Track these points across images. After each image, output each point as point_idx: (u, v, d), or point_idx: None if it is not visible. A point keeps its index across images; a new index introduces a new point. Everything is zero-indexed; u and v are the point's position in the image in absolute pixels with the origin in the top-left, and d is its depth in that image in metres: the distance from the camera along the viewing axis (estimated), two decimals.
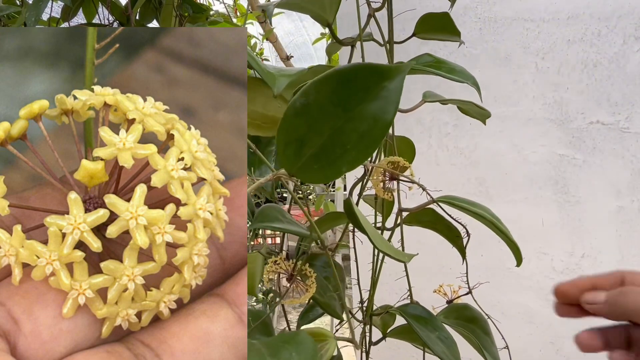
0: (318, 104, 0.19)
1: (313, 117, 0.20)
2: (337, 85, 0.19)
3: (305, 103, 0.20)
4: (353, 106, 0.19)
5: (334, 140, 0.20)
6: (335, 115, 0.19)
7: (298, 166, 0.22)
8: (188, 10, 0.83)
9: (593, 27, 0.73)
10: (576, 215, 0.77)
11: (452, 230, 0.43)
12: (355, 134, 0.19)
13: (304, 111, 0.20)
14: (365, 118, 0.19)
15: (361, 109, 0.19)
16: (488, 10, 0.81)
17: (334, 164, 0.21)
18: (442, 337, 0.40)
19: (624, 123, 0.72)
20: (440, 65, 0.41)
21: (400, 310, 0.42)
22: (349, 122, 0.19)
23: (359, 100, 0.19)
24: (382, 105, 0.18)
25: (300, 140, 0.21)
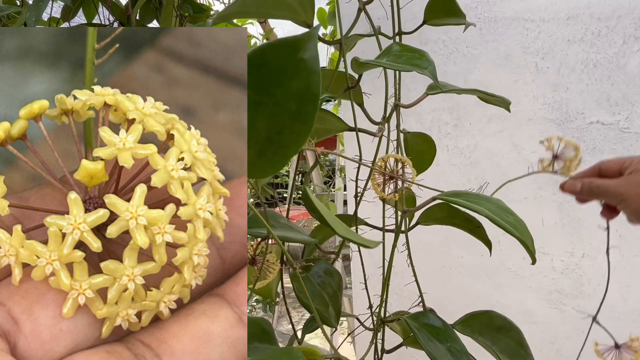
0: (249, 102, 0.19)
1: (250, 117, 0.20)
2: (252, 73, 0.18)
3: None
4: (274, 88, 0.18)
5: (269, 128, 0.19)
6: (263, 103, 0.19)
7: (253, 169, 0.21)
8: (188, 10, 0.83)
9: (593, 27, 0.73)
10: (576, 215, 0.77)
11: (471, 222, 0.42)
12: (287, 116, 0.19)
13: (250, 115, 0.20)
14: (291, 96, 0.18)
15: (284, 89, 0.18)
16: (488, 10, 0.81)
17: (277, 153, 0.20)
18: (452, 348, 0.38)
19: (623, 123, 0.72)
20: (402, 54, 0.38)
21: (409, 319, 0.40)
22: (276, 106, 0.19)
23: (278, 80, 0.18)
24: (303, 78, 0.18)
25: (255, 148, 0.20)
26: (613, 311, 0.75)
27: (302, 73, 0.17)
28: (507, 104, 0.45)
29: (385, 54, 0.39)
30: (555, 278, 0.78)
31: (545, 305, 0.79)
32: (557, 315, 0.78)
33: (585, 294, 0.76)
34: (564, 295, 0.78)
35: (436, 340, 0.39)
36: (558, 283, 0.78)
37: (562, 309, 0.78)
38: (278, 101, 0.19)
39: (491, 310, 0.44)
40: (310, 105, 0.18)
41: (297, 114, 0.19)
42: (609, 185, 0.40)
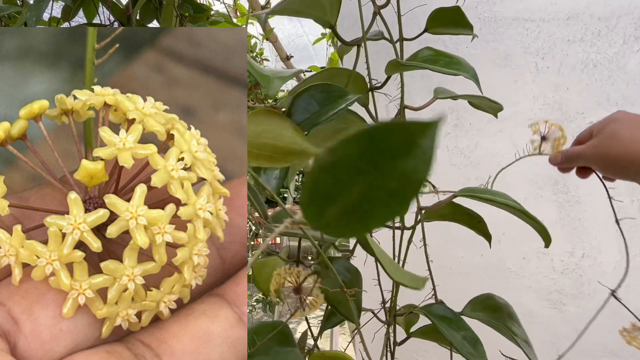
0: (346, 162, 0.19)
1: (340, 174, 0.19)
2: (366, 144, 0.18)
3: (332, 161, 0.19)
4: (383, 164, 0.18)
5: (362, 197, 0.20)
6: (365, 172, 0.19)
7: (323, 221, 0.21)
8: (189, 10, 0.83)
9: (593, 27, 0.73)
10: (576, 215, 0.77)
11: (473, 217, 0.43)
12: (385, 192, 0.19)
13: (330, 168, 0.19)
14: (396, 176, 0.18)
15: (391, 167, 0.18)
16: (488, 10, 0.81)
17: (361, 221, 0.21)
18: (467, 337, 0.40)
19: None
20: (439, 58, 0.40)
21: (425, 311, 0.42)
22: (378, 180, 0.19)
23: (390, 158, 0.18)
24: (414, 163, 0.18)
25: (325, 196, 0.20)
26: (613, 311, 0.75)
27: (414, 158, 0.18)
28: (498, 110, 0.47)
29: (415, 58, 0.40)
30: (555, 278, 0.78)
31: (545, 305, 0.79)
32: (557, 315, 0.78)
33: (585, 294, 0.76)
34: (564, 295, 0.78)
35: (451, 329, 0.41)
36: (558, 283, 0.78)
37: (562, 309, 0.78)
38: (381, 175, 0.19)
39: (488, 293, 0.49)
40: (411, 190, 0.18)
41: (396, 193, 0.19)
42: (579, 151, 0.46)
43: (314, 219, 0.21)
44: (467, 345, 0.39)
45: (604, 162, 0.44)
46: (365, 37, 0.43)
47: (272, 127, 0.33)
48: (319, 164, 0.20)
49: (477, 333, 0.43)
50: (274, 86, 0.33)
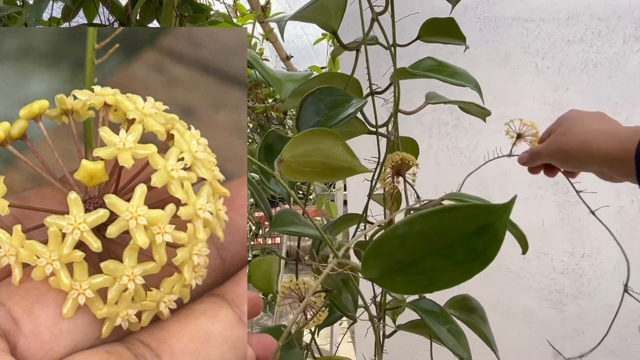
0: (421, 233, 0.20)
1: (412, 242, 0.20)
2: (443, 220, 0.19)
3: (408, 231, 0.20)
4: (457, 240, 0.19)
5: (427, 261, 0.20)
6: (436, 242, 0.20)
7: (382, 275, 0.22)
8: (188, 10, 0.83)
9: (593, 27, 0.73)
10: (576, 215, 0.77)
11: None
12: (452, 261, 0.20)
13: (404, 236, 0.20)
14: (466, 250, 0.19)
15: (463, 242, 0.19)
16: (488, 10, 0.81)
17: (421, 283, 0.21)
18: (452, 330, 0.42)
19: (624, 123, 0.72)
20: (442, 69, 0.42)
21: (413, 306, 0.44)
22: (447, 249, 0.20)
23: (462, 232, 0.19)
24: (485, 240, 0.19)
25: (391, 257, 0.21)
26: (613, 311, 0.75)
27: (486, 236, 0.19)
28: (486, 115, 0.50)
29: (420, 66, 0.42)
30: (555, 278, 0.78)
31: (545, 305, 0.79)
32: (557, 315, 0.78)
33: (585, 294, 0.76)
34: (564, 295, 0.78)
35: (437, 322, 0.42)
36: (558, 283, 0.78)
37: (562, 309, 0.78)
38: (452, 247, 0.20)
39: (465, 294, 0.51)
40: (479, 264, 0.19)
41: (461, 265, 0.20)
42: (539, 149, 0.49)
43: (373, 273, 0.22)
44: (452, 338, 0.41)
45: (562, 156, 0.47)
46: (366, 42, 0.44)
47: (325, 146, 0.33)
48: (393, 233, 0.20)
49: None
50: (285, 89, 0.33)
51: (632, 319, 0.74)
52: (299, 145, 0.32)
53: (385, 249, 0.21)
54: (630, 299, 0.74)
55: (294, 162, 0.32)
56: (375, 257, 0.21)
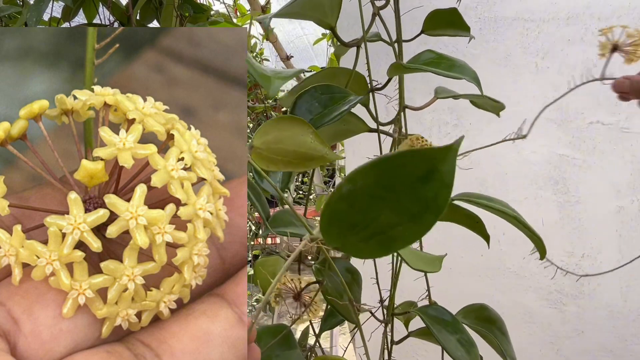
0: (365, 190, 0.19)
1: (359, 201, 0.20)
2: (385, 172, 0.19)
3: (351, 189, 0.19)
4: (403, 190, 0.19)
5: (383, 221, 0.20)
6: (384, 198, 0.19)
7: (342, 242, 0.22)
8: (189, 11, 0.83)
9: (593, 27, 0.73)
10: (576, 215, 0.77)
11: (471, 218, 0.43)
12: (407, 216, 0.19)
13: (349, 196, 0.20)
14: (417, 200, 0.19)
15: (412, 194, 0.19)
16: (488, 10, 0.81)
17: (383, 245, 0.21)
18: (462, 340, 0.40)
19: (624, 123, 0.72)
20: (440, 61, 0.41)
21: (420, 312, 0.42)
22: (398, 205, 0.19)
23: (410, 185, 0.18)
24: (435, 188, 0.18)
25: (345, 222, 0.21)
26: (613, 311, 0.75)
27: (434, 183, 0.18)
28: (500, 109, 0.47)
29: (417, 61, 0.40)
30: (555, 278, 0.78)
31: (545, 305, 0.79)
32: (557, 315, 0.78)
33: (585, 294, 0.76)
34: (564, 295, 0.78)
35: (446, 331, 0.40)
36: (558, 283, 0.78)
37: (562, 309, 0.78)
38: (402, 201, 0.19)
39: (483, 304, 0.47)
40: (432, 215, 0.19)
41: (417, 217, 0.19)
42: None
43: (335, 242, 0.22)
44: (461, 349, 0.39)
45: None
46: (366, 38, 0.43)
47: (293, 133, 0.33)
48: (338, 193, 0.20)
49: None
50: (274, 87, 0.33)
51: (632, 319, 0.74)
52: (269, 132, 0.32)
53: (337, 213, 0.20)
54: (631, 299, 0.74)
55: (265, 149, 0.32)
56: (329, 223, 0.21)
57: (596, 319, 0.76)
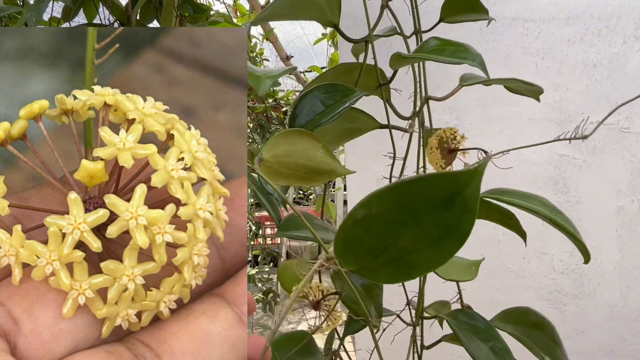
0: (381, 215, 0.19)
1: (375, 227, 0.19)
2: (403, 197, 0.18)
3: (366, 214, 0.19)
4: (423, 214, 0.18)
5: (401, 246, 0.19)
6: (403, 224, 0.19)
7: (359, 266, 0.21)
8: (188, 11, 0.83)
9: (593, 27, 0.73)
10: (576, 215, 0.77)
11: (505, 214, 0.41)
12: (425, 241, 0.19)
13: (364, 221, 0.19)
14: (438, 226, 0.18)
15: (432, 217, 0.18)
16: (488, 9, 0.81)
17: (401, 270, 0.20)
18: (495, 348, 0.37)
19: (624, 123, 0.72)
20: (445, 47, 0.38)
21: (449, 317, 0.39)
22: (418, 229, 0.18)
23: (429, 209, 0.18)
24: (456, 213, 0.17)
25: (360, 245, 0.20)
26: (613, 311, 0.75)
27: (457, 208, 0.17)
28: (538, 93, 0.43)
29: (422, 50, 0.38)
30: (555, 278, 0.78)
31: (545, 305, 0.79)
32: (557, 315, 0.78)
33: (585, 294, 0.76)
34: (564, 295, 0.78)
35: (478, 339, 0.38)
36: (558, 283, 0.78)
37: (562, 309, 0.78)
38: (422, 227, 0.18)
39: (527, 307, 0.43)
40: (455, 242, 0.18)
41: (438, 244, 0.18)
42: None
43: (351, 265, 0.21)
44: (493, 357, 0.36)
45: None
46: (372, 32, 0.41)
47: (303, 147, 0.32)
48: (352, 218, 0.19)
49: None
50: (263, 86, 0.32)
51: (632, 319, 0.74)
52: (279, 145, 0.31)
53: (352, 238, 0.20)
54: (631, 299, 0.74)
55: (274, 162, 0.31)
56: (344, 247, 0.20)
57: (596, 319, 0.76)
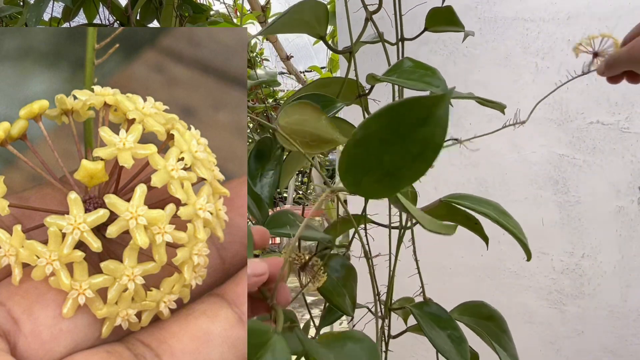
0: (376, 134, 0.23)
1: (372, 145, 0.23)
2: (392, 118, 0.22)
3: (364, 134, 0.23)
4: (407, 133, 0.22)
5: (391, 163, 0.23)
6: (391, 142, 0.23)
7: (360, 187, 0.25)
8: (188, 11, 0.83)
9: (593, 27, 0.73)
10: (576, 215, 0.77)
11: (470, 219, 0.45)
12: (410, 156, 0.23)
13: (363, 141, 0.23)
14: (418, 141, 0.22)
15: (414, 135, 0.22)
16: (488, 10, 0.81)
17: (392, 184, 0.24)
18: (453, 336, 0.41)
19: (624, 123, 0.72)
20: (415, 70, 0.42)
21: (414, 308, 0.43)
22: (403, 147, 0.23)
23: (412, 127, 0.22)
24: (432, 130, 0.22)
25: (360, 166, 0.24)
26: (613, 311, 0.75)
27: (431, 125, 0.21)
28: (502, 107, 0.50)
29: (397, 69, 0.42)
30: (555, 278, 0.78)
31: (545, 305, 0.79)
32: (557, 315, 0.78)
33: (585, 294, 0.76)
34: (564, 295, 0.78)
35: (438, 327, 0.41)
36: (558, 283, 0.78)
37: (562, 309, 0.78)
38: (406, 143, 0.22)
39: (482, 301, 0.48)
40: (431, 152, 0.22)
41: (419, 156, 0.23)
42: (619, 54, 0.44)
43: (352, 187, 0.25)
44: (450, 344, 0.40)
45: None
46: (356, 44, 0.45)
47: (311, 117, 0.36)
48: (353, 139, 0.23)
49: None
50: None
51: (632, 319, 0.74)
52: (291, 114, 0.35)
53: (353, 159, 0.24)
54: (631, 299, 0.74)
55: (287, 129, 0.35)
56: (347, 169, 0.24)
57: (596, 319, 0.76)
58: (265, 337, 0.23)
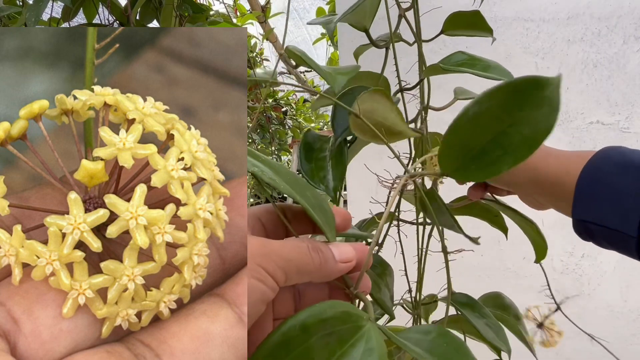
0: (489, 111, 0.22)
1: (482, 122, 0.22)
2: (508, 94, 0.21)
3: (477, 111, 0.22)
4: (517, 112, 0.21)
5: (496, 143, 0.22)
6: (502, 120, 0.22)
7: (456, 166, 0.24)
8: (188, 11, 0.83)
9: (593, 27, 0.73)
10: None
11: (489, 212, 0.44)
12: (519, 137, 0.21)
13: (475, 117, 0.22)
14: (529, 122, 0.21)
15: (526, 115, 0.21)
16: (488, 10, 0.81)
17: (493, 165, 0.23)
18: (490, 324, 0.42)
19: (624, 123, 0.72)
20: (475, 62, 0.41)
21: (453, 300, 0.43)
22: (513, 127, 0.21)
23: (523, 107, 0.21)
24: (545, 111, 0.21)
25: (462, 144, 0.23)
26: (613, 311, 0.75)
27: (545, 108, 0.21)
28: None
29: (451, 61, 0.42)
30: (555, 278, 0.78)
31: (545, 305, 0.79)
32: (556, 315, 0.78)
33: (585, 294, 0.76)
34: (564, 295, 0.78)
35: (475, 317, 0.42)
36: (558, 283, 0.78)
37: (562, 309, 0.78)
38: (516, 124, 0.21)
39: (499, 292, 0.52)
40: (542, 134, 0.21)
41: (528, 139, 0.21)
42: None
43: (447, 166, 0.24)
44: (491, 332, 0.41)
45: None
46: (393, 39, 0.44)
47: (382, 106, 0.35)
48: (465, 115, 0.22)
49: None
50: (338, 83, 0.34)
51: (632, 319, 0.74)
52: (365, 102, 0.34)
53: (459, 136, 0.23)
54: (631, 299, 0.74)
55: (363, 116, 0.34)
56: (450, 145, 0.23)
57: (596, 319, 0.76)
58: (360, 322, 0.21)
